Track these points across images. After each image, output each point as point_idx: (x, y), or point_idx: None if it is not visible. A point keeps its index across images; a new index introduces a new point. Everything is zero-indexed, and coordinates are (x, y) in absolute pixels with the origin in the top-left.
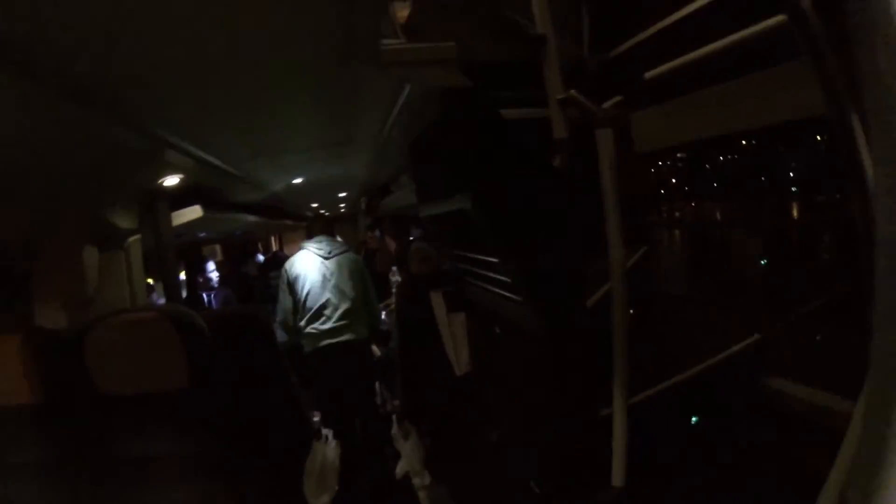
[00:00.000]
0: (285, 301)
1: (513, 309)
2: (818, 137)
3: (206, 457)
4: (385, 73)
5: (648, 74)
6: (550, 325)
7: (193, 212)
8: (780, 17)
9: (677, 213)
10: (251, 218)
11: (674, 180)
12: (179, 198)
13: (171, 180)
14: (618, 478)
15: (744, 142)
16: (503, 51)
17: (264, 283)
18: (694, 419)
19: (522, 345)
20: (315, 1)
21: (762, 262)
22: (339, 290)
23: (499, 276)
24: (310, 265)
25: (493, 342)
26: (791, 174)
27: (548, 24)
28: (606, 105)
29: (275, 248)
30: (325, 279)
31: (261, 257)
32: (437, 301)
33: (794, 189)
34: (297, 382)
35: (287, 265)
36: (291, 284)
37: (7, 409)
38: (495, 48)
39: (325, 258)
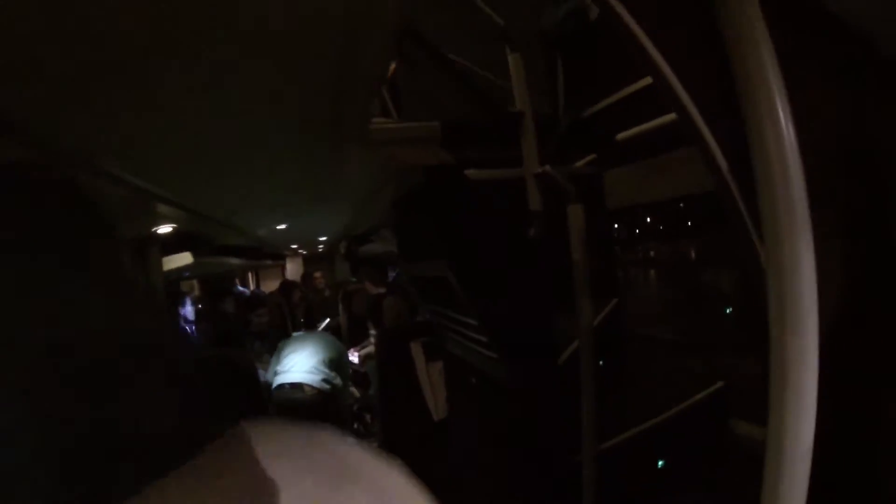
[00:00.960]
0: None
1: (489, 364)
2: None
3: None
4: (373, 150)
5: (621, 136)
6: (524, 379)
7: (183, 258)
8: None
9: (652, 253)
10: (235, 261)
11: (648, 219)
12: (169, 244)
13: (163, 229)
14: None
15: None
16: (482, 118)
17: (244, 321)
18: (660, 463)
19: (497, 396)
20: (308, 68)
21: (727, 311)
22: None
23: (475, 335)
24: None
25: (469, 392)
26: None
27: (526, 100)
28: (580, 164)
29: (251, 285)
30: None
31: (241, 289)
32: (417, 350)
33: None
34: None
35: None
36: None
37: None
38: (476, 115)
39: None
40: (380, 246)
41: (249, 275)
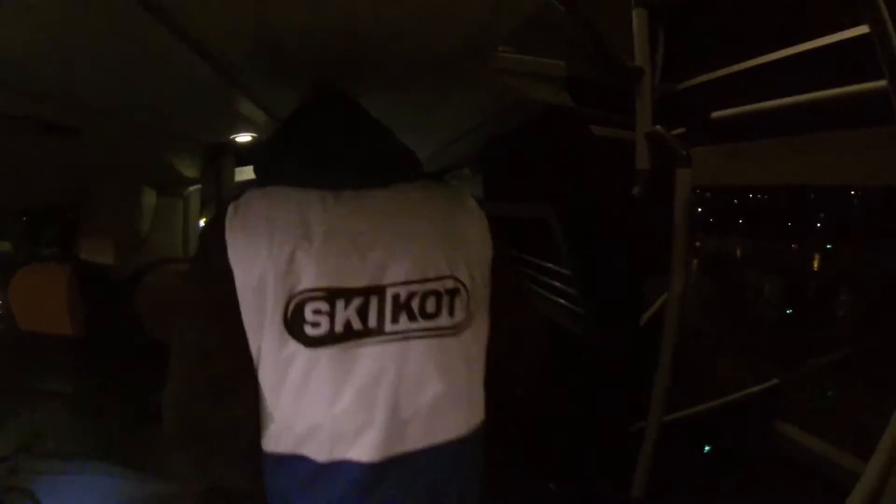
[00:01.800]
0: None
1: (568, 317)
2: (852, 192)
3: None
4: (493, 77)
5: (715, 114)
6: (608, 338)
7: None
8: (867, 84)
9: (697, 244)
10: None
11: (699, 209)
12: (244, 155)
13: (242, 137)
14: (639, 489)
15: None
16: (599, 75)
17: None
18: (707, 448)
19: (571, 353)
20: None
21: (787, 312)
22: None
23: (562, 286)
24: None
25: None
26: (818, 223)
27: (646, 57)
28: (674, 133)
29: None
30: None
31: None
32: None
33: (822, 237)
34: None
35: None
36: None
37: (45, 337)
38: (592, 72)
39: None
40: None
41: None
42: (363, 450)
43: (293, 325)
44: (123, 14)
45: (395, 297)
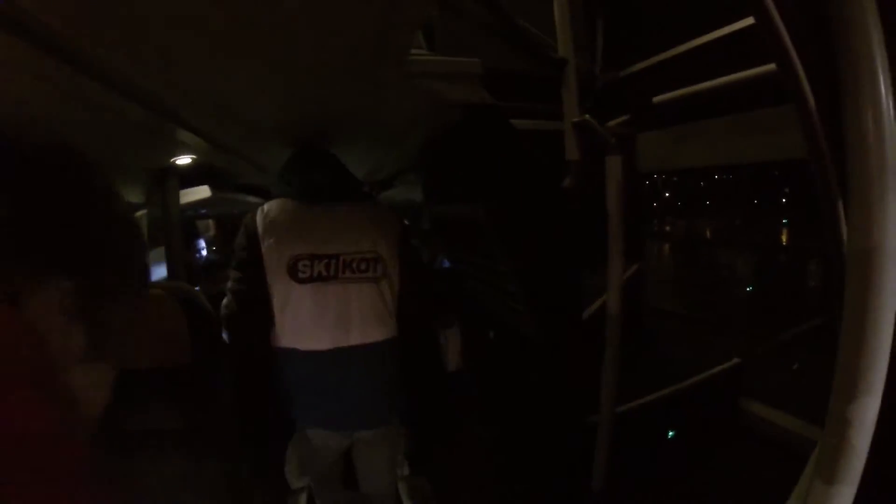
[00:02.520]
0: None
1: (513, 315)
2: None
3: (199, 433)
4: (409, 82)
5: (657, 99)
6: (548, 333)
7: (202, 191)
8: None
9: (668, 228)
10: (252, 199)
11: (667, 194)
12: (188, 176)
13: (183, 160)
14: (598, 482)
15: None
16: (523, 67)
17: None
18: (671, 433)
19: (517, 350)
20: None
21: (747, 289)
22: None
23: (502, 284)
24: None
25: (486, 345)
26: (783, 199)
27: (570, 47)
28: (612, 123)
29: None
30: None
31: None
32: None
33: (785, 214)
34: None
35: None
36: None
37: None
38: (516, 64)
39: None
40: (402, 192)
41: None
42: (324, 342)
43: (291, 272)
44: (61, 72)
45: (345, 260)
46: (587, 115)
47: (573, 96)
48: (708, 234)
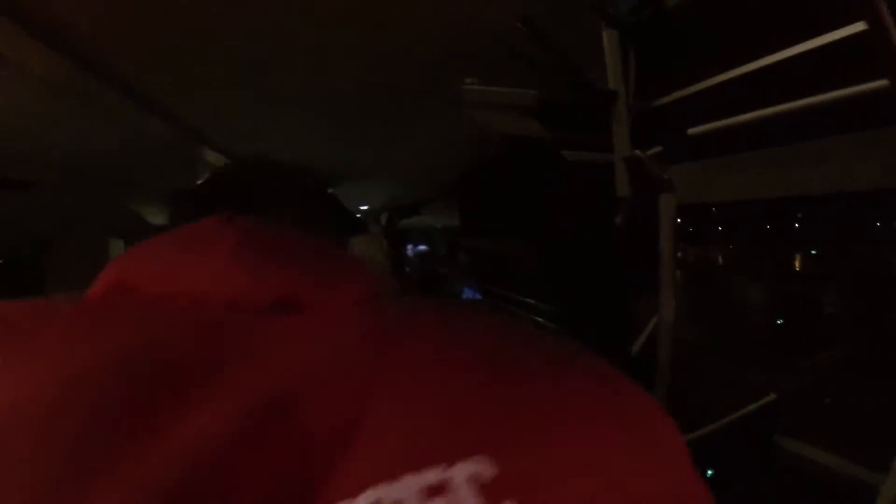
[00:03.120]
0: None
1: None
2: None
3: None
4: (463, 113)
5: (692, 130)
6: None
7: None
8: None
9: (679, 254)
10: None
11: (678, 220)
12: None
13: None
14: None
15: None
16: (572, 102)
17: None
18: (709, 472)
19: None
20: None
21: (777, 321)
22: None
23: (543, 320)
24: None
25: None
26: (797, 224)
27: (619, 79)
28: (649, 153)
29: None
30: None
31: None
32: None
33: (799, 239)
34: None
35: None
36: None
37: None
38: (565, 98)
39: None
40: (426, 220)
41: None
42: None
43: None
44: (94, 93)
45: None
46: (637, 151)
47: (625, 130)
48: (720, 260)
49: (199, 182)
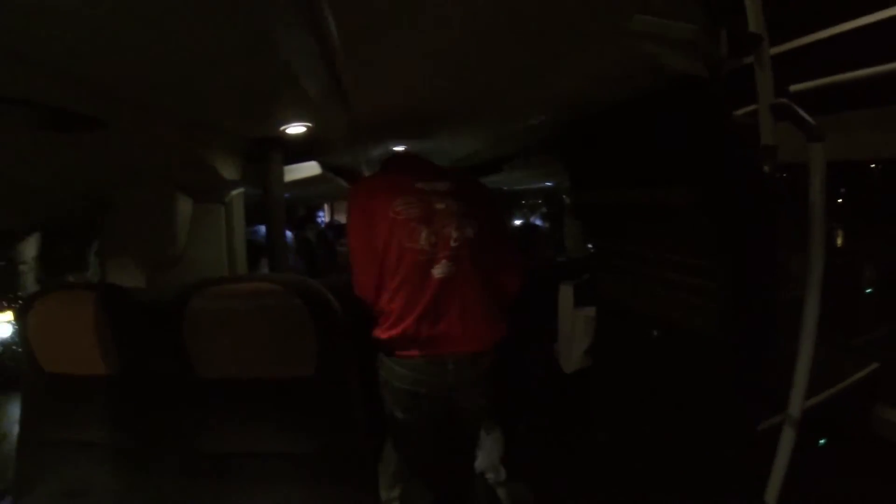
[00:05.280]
0: None
1: (695, 313)
2: None
3: (317, 457)
4: (629, 45)
5: (794, 88)
6: (739, 332)
7: (310, 168)
8: None
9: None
10: (344, 183)
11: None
12: (294, 149)
13: (295, 128)
14: (773, 495)
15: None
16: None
17: (329, 249)
18: (822, 441)
19: (694, 350)
20: None
21: (867, 291)
22: None
23: (682, 277)
24: None
25: (638, 344)
26: (839, 199)
27: (762, 23)
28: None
29: (326, 216)
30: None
31: (322, 217)
32: (566, 294)
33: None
34: None
35: None
36: None
37: (74, 379)
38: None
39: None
40: (511, 176)
41: (325, 206)
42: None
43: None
44: None
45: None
46: (784, 99)
47: (768, 76)
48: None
49: None
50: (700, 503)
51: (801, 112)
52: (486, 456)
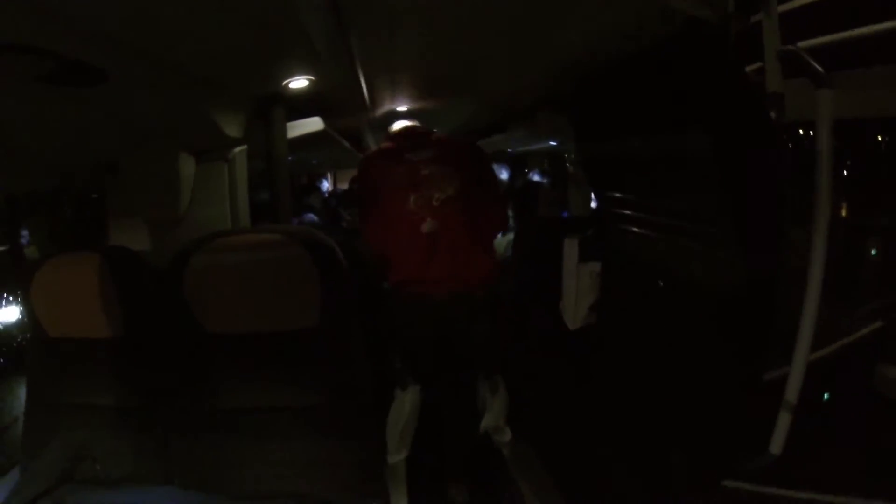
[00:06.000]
0: None
1: (703, 262)
2: None
3: (323, 410)
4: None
5: (802, 44)
6: (754, 283)
7: (313, 123)
8: None
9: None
10: (346, 144)
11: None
12: (298, 105)
13: (298, 83)
14: (777, 446)
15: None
16: None
17: (333, 217)
18: (826, 396)
19: (699, 302)
20: None
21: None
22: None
23: (692, 225)
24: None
25: (643, 296)
26: (844, 171)
27: None
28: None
29: (329, 185)
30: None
31: (326, 185)
32: (571, 248)
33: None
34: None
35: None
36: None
37: (79, 342)
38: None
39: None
40: (513, 138)
41: (328, 175)
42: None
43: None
44: None
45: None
46: (790, 46)
47: (775, 22)
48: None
49: None
50: (706, 455)
51: (808, 58)
52: (492, 416)
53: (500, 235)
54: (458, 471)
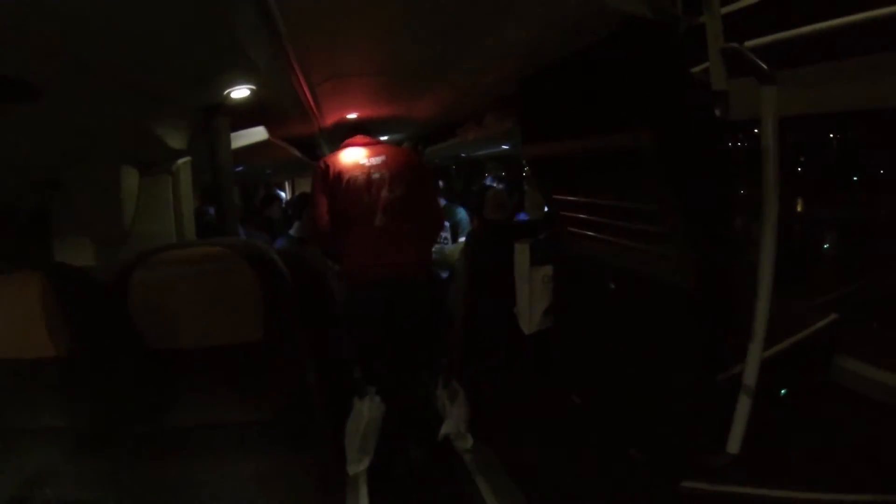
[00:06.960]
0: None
1: (654, 262)
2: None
3: (275, 424)
4: None
5: (749, 43)
6: (706, 280)
7: (257, 133)
8: None
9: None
10: (296, 153)
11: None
12: (240, 114)
13: (239, 92)
14: (735, 444)
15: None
16: None
17: (290, 225)
18: (783, 391)
19: (652, 301)
20: None
21: (825, 246)
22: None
23: (643, 227)
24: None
25: (595, 298)
26: (798, 168)
27: None
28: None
29: (287, 193)
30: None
31: (283, 194)
32: (522, 252)
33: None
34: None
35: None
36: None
37: (23, 362)
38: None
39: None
40: (457, 143)
41: (286, 184)
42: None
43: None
44: None
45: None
46: (734, 44)
47: (717, 21)
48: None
49: None
50: (666, 455)
51: (751, 55)
52: (452, 423)
53: (448, 240)
54: (421, 478)
